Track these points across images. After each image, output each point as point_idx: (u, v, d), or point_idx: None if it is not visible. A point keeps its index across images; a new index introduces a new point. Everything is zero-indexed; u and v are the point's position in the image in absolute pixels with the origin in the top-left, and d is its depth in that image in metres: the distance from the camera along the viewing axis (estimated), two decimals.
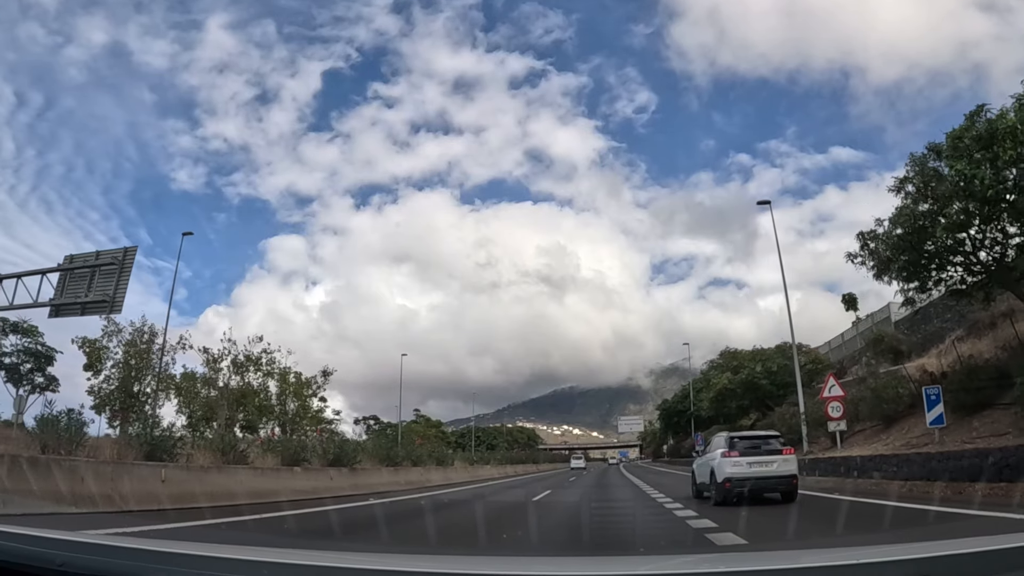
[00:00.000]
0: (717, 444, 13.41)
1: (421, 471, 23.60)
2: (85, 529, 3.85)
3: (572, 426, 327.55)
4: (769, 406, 36.04)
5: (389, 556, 2.85)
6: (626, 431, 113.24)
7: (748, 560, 2.32)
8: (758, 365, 34.11)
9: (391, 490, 17.05)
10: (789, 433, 26.12)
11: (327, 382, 47.42)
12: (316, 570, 1.92)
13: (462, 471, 32.34)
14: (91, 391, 32.25)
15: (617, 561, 3.34)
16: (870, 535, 7.51)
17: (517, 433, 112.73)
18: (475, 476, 32.49)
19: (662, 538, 8.19)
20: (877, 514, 9.87)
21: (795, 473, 12.42)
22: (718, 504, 11.87)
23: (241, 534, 7.84)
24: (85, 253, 23.23)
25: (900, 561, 1.67)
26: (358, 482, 16.38)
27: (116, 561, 1.82)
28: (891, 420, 21.57)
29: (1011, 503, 9.65)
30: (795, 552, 3.90)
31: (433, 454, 30.14)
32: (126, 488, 9.64)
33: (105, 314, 22.68)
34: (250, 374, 41.08)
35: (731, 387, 34.12)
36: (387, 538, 7.96)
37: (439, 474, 26.05)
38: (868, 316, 48.87)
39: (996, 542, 1.77)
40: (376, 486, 16.84)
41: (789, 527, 8.66)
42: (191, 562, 1.81)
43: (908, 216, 15.11)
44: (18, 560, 1.76)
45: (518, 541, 7.50)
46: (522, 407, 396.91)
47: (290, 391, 45.32)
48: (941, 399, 15.93)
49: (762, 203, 29.31)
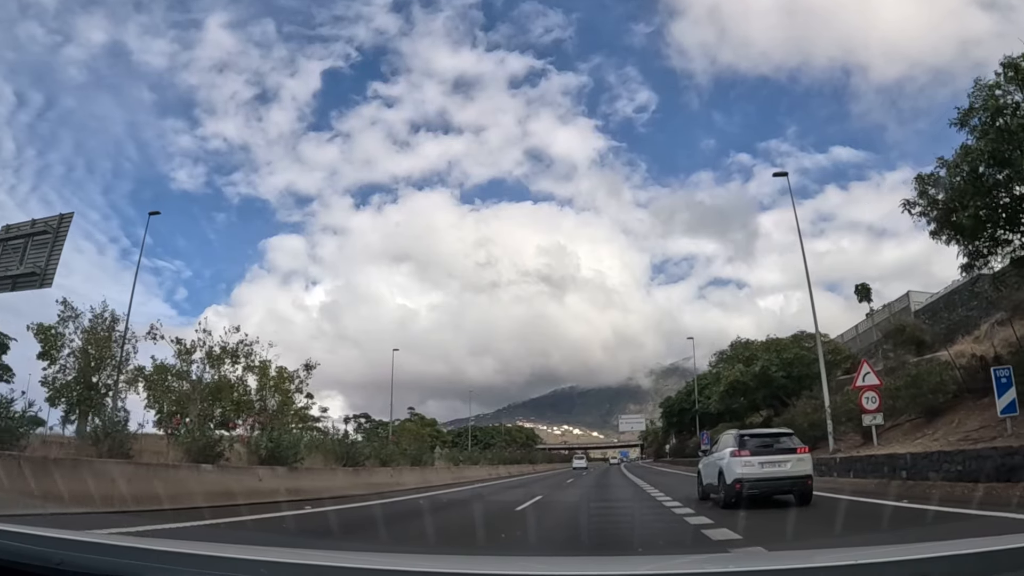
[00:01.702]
0: (726, 442, 12.68)
1: (390, 472, 20.37)
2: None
3: (572, 426, 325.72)
4: (784, 401, 33.33)
5: (388, 556, 2.81)
6: (627, 430, 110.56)
7: (748, 560, 2.57)
8: (773, 356, 31.35)
9: (347, 495, 14.29)
10: (813, 429, 23.56)
11: (310, 376, 44.93)
12: (315, 569, 1.93)
13: (444, 472, 29.19)
14: (44, 381, 29.60)
15: (618, 561, 3.32)
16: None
17: (515, 432, 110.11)
18: (460, 478, 29.40)
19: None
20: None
21: (810, 473, 11.65)
22: (727, 507, 11.16)
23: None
24: (20, 223, 20.59)
25: (900, 562, 1.69)
26: (299, 485, 13.32)
27: (115, 560, 1.80)
28: (935, 412, 18.88)
29: None
30: (795, 552, 4.16)
31: (407, 452, 26.38)
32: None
33: (35, 288, 19.99)
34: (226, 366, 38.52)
35: (743, 380, 31.40)
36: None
37: (414, 476, 22.80)
38: (884, 306, 46.24)
39: (996, 543, 1.77)
40: (326, 490, 13.88)
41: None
42: (189, 561, 1.83)
43: (983, 152, 12.33)
44: (16, 559, 1.76)
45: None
46: (522, 407, 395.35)
47: (270, 385, 42.72)
48: (1013, 382, 13.25)
49: (779, 174, 26.75)
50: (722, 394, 34.01)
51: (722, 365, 36.83)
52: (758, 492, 11.05)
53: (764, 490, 11.14)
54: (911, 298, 42.05)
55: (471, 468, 34.19)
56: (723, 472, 11.71)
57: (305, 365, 45.17)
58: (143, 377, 37.27)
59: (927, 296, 41.99)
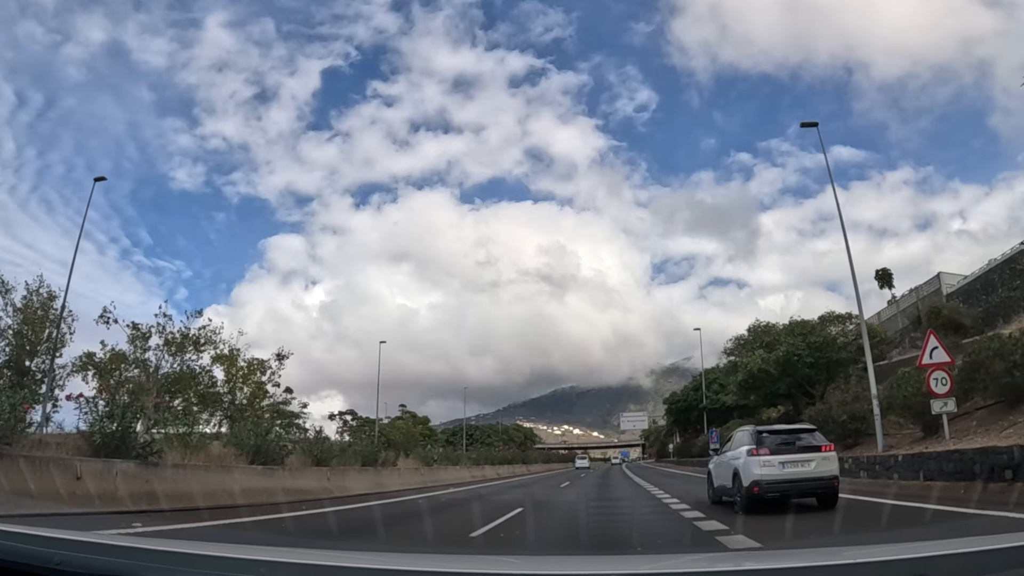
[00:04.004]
0: (741, 440, 11.60)
1: (325, 475, 15.47)
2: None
3: (572, 426, 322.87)
4: (808, 392, 29.59)
5: (388, 555, 2.83)
6: (629, 428, 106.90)
7: (748, 559, 2.44)
8: (798, 340, 27.57)
9: (252, 503, 10.46)
10: (854, 422, 19.95)
11: (283, 366, 41.07)
12: (314, 569, 1.92)
13: (410, 475, 23.69)
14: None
15: (618, 560, 3.28)
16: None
17: (513, 432, 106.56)
18: (431, 481, 24.47)
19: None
20: None
21: (836, 474, 10.71)
22: (744, 512, 10.35)
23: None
24: None
25: (900, 561, 1.69)
26: (164, 489, 9.25)
27: (114, 560, 1.78)
28: (1020, 396, 15.21)
29: None
30: (795, 552, 3.98)
31: (355, 449, 20.51)
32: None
33: None
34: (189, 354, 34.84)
35: (765, 368, 27.61)
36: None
37: (365, 480, 17.80)
38: (911, 290, 42.60)
39: (994, 541, 1.76)
40: (213, 494, 9.98)
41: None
42: (188, 561, 1.82)
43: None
44: (15, 559, 1.75)
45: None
46: (522, 407, 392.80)
47: (238, 375, 38.90)
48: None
49: (807, 124, 23.04)
50: (740, 385, 30.19)
51: (740, 351, 33.00)
52: (778, 495, 10.23)
53: (785, 493, 10.27)
54: (942, 280, 38.41)
55: (448, 469, 29.44)
56: (739, 473, 10.79)
57: (277, 355, 41.67)
58: (92, 364, 33.76)
59: (958, 279, 38.43)
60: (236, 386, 38.96)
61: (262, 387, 40.99)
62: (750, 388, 30.04)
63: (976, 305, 33.98)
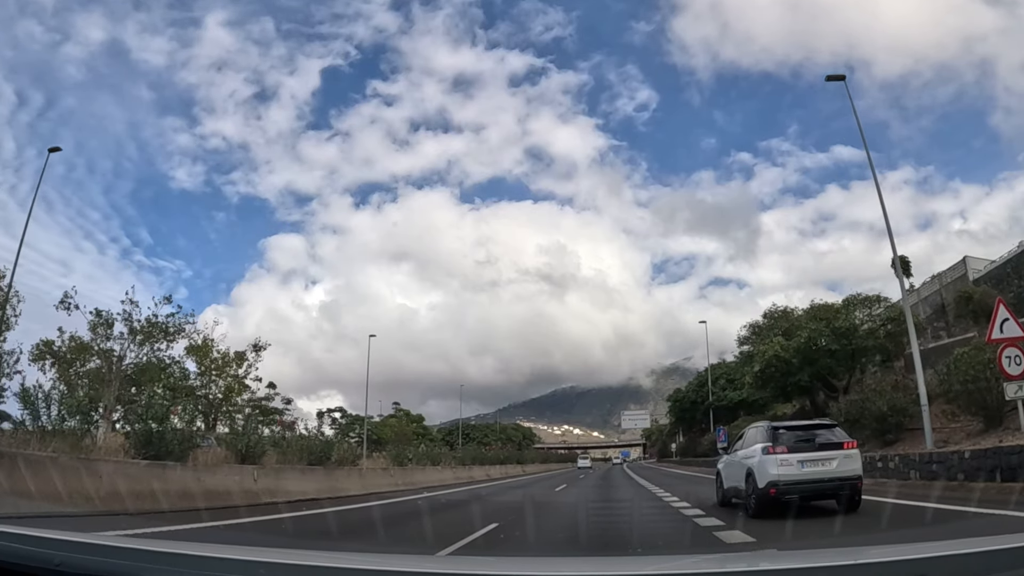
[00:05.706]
0: (755, 438, 10.85)
1: (252, 474, 12.36)
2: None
3: (572, 426, 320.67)
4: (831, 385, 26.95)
5: (387, 556, 2.82)
6: (630, 427, 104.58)
7: (748, 560, 2.39)
8: (821, 325, 24.91)
9: (125, 509, 7.92)
10: (895, 415, 17.46)
11: (260, 358, 38.51)
12: (313, 570, 1.92)
13: (376, 476, 20.10)
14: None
15: (620, 561, 3.29)
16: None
17: (512, 431, 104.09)
18: (403, 483, 20.81)
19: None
20: None
21: (860, 474, 9.91)
22: (758, 516, 9.60)
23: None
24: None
25: (900, 561, 1.67)
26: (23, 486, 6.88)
27: (113, 561, 1.79)
28: None
29: None
30: (795, 552, 3.92)
31: (300, 444, 17.24)
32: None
33: None
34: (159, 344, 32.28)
35: (784, 356, 24.93)
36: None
37: (311, 482, 14.51)
38: (933, 277, 40.07)
39: (995, 542, 1.74)
40: (65, 496, 7.36)
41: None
42: (188, 562, 1.81)
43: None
44: (15, 560, 1.74)
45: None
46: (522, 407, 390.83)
47: (211, 367, 36.33)
48: None
49: (832, 78, 20.58)
50: (757, 375, 27.48)
51: (755, 339, 30.32)
52: (797, 497, 9.66)
53: (804, 494, 9.71)
54: (968, 264, 35.86)
55: (426, 470, 25.73)
56: (753, 473, 10.14)
57: (254, 346, 39.11)
58: (51, 353, 31.23)
59: (985, 263, 35.91)
60: (210, 379, 36.48)
61: (240, 380, 38.56)
62: (769, 380, 27.37)
63: (1007, 290, 31.51)
